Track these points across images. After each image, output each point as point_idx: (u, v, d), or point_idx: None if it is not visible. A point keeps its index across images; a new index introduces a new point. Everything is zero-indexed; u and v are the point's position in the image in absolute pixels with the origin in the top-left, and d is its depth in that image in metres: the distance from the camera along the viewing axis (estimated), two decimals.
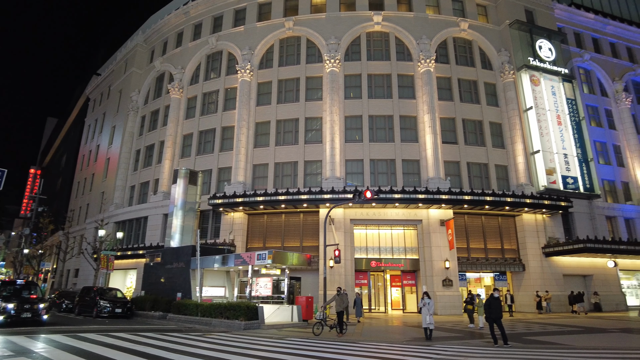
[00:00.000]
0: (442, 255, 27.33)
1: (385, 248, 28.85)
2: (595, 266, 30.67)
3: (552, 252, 29.13)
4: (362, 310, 22.28)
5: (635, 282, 33.26)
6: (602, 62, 38.86)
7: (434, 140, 29.77)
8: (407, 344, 13.23)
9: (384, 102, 31.67)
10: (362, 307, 22.69)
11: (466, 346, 12.75)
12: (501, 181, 31.25)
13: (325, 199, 26.45)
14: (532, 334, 16.02)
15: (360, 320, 21.55)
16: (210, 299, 21.58)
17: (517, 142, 31.45)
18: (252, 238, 29.82)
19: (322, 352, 11.19)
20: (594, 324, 19.71)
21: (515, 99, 32.54)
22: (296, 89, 32.76)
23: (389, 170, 30.16)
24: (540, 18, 36.48)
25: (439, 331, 16.77)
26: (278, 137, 31.74)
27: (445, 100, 32.22)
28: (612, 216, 33.38)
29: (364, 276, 28.57)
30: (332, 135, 29.84)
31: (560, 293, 29.08)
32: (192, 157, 33.83)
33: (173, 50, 39.24)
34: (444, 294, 26.62)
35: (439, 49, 33.54)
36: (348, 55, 33.13)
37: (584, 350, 11.75)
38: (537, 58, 33.78)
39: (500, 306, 12.99)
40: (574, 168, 31.56)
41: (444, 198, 26.81)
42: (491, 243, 30.03)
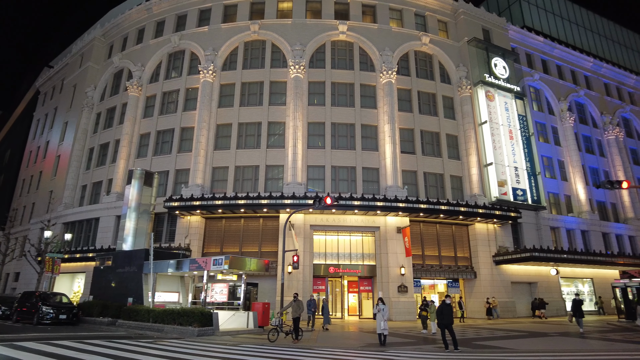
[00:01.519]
0: (398, 262, 27.97)
1: (343, 254, 29.16)
2: (539, 274, 32.45)
3: (501, 261, 30.53)
4: (329, 317, 21.43)
5: (574, 288, 35.48)
6: (549, 83, 41.44)
7: (393, 150, 30.53)
8: (362, 350, 13.43)
9: (346, 111, 32.16)
10: (330, 314, 21.83)
11: (418, 351, 13.12)
12: (456, 191, 32.47)
13: (286, 204, 26.41)
14: (481, 339, 16.70)
15: (328, 327, 20.57)
16: (163, 304, 20.92)
17: (472, 154, 32.85)
18: (209, 243, 29.23)
19: (276, 358, 11.15)
20: (537, 329, 20.83)
21: (471, 113, 34.02)
22: (260, 93, 32.62)
23: (349, 178, 30.58)
24: (496, 37, 38.44)
25: (393, 337, 17.11)
26: (240, 140, 31.40)
27: (405, 111, 33.18)
28: (555, 227, 35.48)
29: (322, 282, 28.69)
30: (294, 140, 29.91)
31: (509, 300, 30.51)
32: (148, 157, 32.78)
33: (133, 47, 37.99)
34: (399, 300, 27.22)
35: (400, 61, 34.54)
36: (313, 62, 33.42)
37: (527, 354, 12.42)
38: (492, 75, 35.52)
39: (451, 312, 13.46)
40: (523, 181, 33.33)
41: (401, 206, 27.50)
42: (445, 251, 31.07)
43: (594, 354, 12.54)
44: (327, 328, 20.26)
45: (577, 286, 35.87)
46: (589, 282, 36.08)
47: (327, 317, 20.86)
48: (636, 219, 40.10)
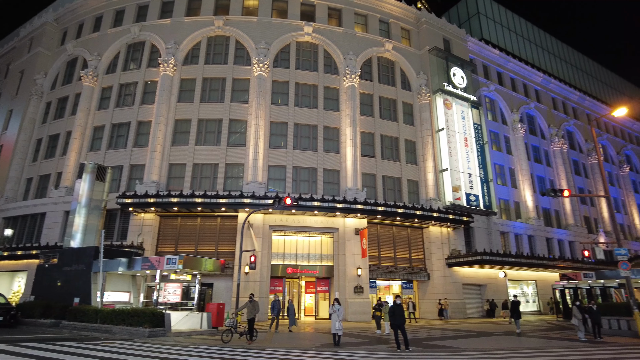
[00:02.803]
0: (355, 263, 28.39)
1: (302, 255, 29.23)
2: (489, 276, 33.99)
3: (454, 263, 31.72)
4: (295, 318, 20.85)
5: (519, 290, 37.44)
6: (503, 94, 43.55)
7: (354, 153, 30.98)
8: (316, 350, 13.53)
9: (309, 112, 32.29)
10: (295, 315, 21.15)
11: (371, 351, 13.38)
12: (412, 195, 33.40)
13: (245, 204, 26.14)
14: (432, 338, 17.27)
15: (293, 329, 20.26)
16: (112, 304, 20.11)
17: (428, 160, 33.93)
18: (164, 241, 28.41)
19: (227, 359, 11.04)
20: (484, 329, 21.81)
21: (429, 120, 35.13)
22: (222, 89, 32.10)
23: (310, 179, 30.71)
24: (456, 48, 39.92)
25: (347, 337, 17.35)
26: (199, 136, 30.75)
27: (367, 115, 33.77)
28: (505, 232, 37.30)
29: (279, 283, 28.62)
30: (256, 139, 29.67)
31: (460, 301, 31.73)
32: (102, 151, 31.41)
33: (89, 35, 36.27)
34: (355, 300, 27.63)
35: (364, 66, 35.13)
36: (277, 62, 33.30)
37: (474, 352, 13.00)
38: (451, 84, 36.85)
39: (403, 313, 13.85)
40: (476, 187, 34.79)
41: (360, 208, 27.95)
42: (400, 253, 31.87)
43: (533, 350, 13.31)
44: (291, 330, 19.98)
45: (522, 288, 37.88)
46: (533, 284, 38.20)
47: (293, 319, 20.44)
48: (575, 225, 42.90)
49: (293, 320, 20.26)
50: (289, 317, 20.36)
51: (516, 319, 19.80)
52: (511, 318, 20.32)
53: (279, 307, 20.64)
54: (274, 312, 20.24)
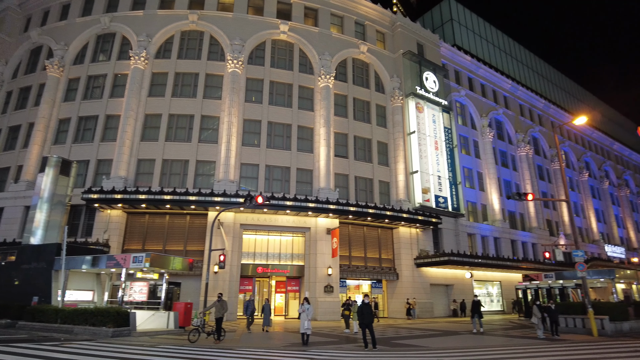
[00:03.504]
0: (326, 263, 28.53)
1: (273, 254, 29.12)
2: (456, 277, 34.87)
3: (422, 263, 32.37)
4: (270, 318, 20.31)
5: (485, 290, 38.61)
6: (474, 99, 44.77)
7: (327, 153, 31.13)
8: (284, 350, 13.54)
9: (284, 111, 32.20)
10: (271, 315, 20.59)
11: (339, 350, 13.50)
12: (383, 196, 33.87)
13: (215, 202, 25.78)
14: (399, 337, 17.57)
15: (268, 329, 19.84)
16: (75, 303, 19.42)
17: (400, 162, 34.49)
18: (130, 239, 27.67)
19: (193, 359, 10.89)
20: (450, 328, 22.38)
21: (402, 123, 35.70)
22: (194, 85, 31.54)
23: (283, 178, 30.63)
24: (429, 53, 40.73)
25: (316, 336, 17.42)
26: (169, 132, 30.10)
27: (341, 116, 34.00)
28: (472, 233, 38.37)
29: (249, 282, 28.42)
30: (228, 136, 29.33)
31: (427, 301, 32.41)
32: (67, 144, 30.25)
33: (56, 23, 34.84)
34: (325, 300, 27.76)
35: (339, 67, 35.33)
36: (252, 59, 33.02)
37: (439, 351, 13.32)
38: (423, 88, 37.57)
39: (371, 312, 14.03)
40: (445, 189, 35.62)
41: (332, 208, 28.11)
42: (371, 252, 32.26)
43: (495, 348, 13.78)
44: (267, 330, 19.61)
45: (487, 288, 39.07)
46: (497, 285, 39.47)
47: (268, 319, 20.00)
48: (539, 228, 44.64)
49: (268, 320, 19.91)
50: (264, 317, 19.96)
51: (478, 319, 20.01)
52: (472, 318, 20.27)
53: (253, 307, 20.42)
54: (248, 312, 19.97)
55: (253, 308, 20.27)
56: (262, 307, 20.66)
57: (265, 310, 19.98)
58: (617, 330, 18.82)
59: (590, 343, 15.41)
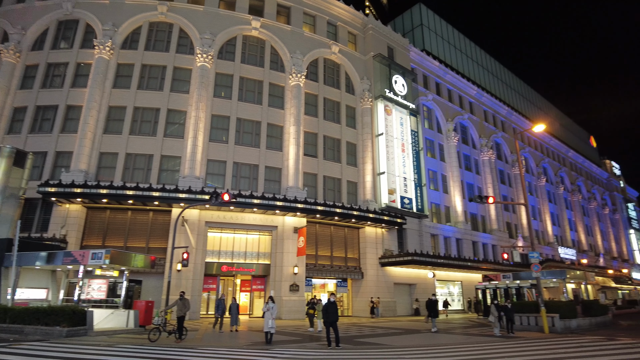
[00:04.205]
0: (292, 261, 28.53)
1: (238, 253, 28.82)
2: (419, 276, 35.69)
3: (386, 263, 32.93)
4: (238, 318, 19.82)
5: (446, 290, 39.73)
6: (440, 104, 45.95)
7: (296, 152, 31.12)
8: (247, 348, 13.46)
9: (253, 107, 31.91)
10: (239, 314, 20.05)
11: (302, 349, 13.55)
12: (351, 196, 34.23)
13: (180, 198, 25.23)
14: (363, 336, 17.82)
15: (237, 329, 19.41)
16: (26, 302, 18.51)
17: (368, 163, 34.97)
18: (90, 235, 26.65)
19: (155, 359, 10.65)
20: (412, 327, 22.88)
21: (370, 124, 36.20)
22: (161, 78, 30.72)
23: (251, 175, 30.36)
24: (399, 56, 41.46)
25: (280, 335, 17.41)
26: (134, 125, 29.19)
27: (311, 115, 34.07)
28: (435, 234, 39.38)
29: (213, 281, 28.02)
30: (195, 131, 28.77)
31: (391, 299, 33.01)
32: (23, 134, 28.73)
33: (12, 6, 32.98)
34: (290, 298, 27.76)
35: (310, 66, 35.38)
36: (222, 54, 32.51)
37: (401, 349, 13.62)
38: (392, 91, 38.21)
39: (336, 310, 14.15)
40: (410, 190, 36.40)
41: (300, 207, 28.13)
42: (337, 251, 32.53)
43: (453, 346, 14.23)
44: (236, 329, 19.19)
45: (449, 288, 40.22)
46: (459, 285, 40.70)
47: (236, 318, 19.53)
48: (499, 230, 46.39)
49: (236, 320, 19.49)
50: (232, 316, 19.52)
51: (433, 318, 20.08)
52: (428, 317, 20.29)
53: (224, 306, 19.80)
54: (219, 311, 19.34)
55: (224, 307, 19.71)
56: (229, 307, 20.09)
57: (233, 310, 19.58)
58: (566, 328, 19.88)
59: (541, 340, 16.19)
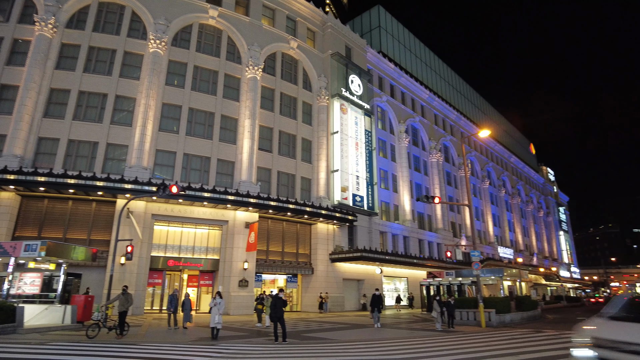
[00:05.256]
0: (242, 257, 28.23)
1: (186, 247, 28.07)
2: (367, 272, 36.57)
3: (337, 259, 33.45)
4: (191, 314, 19.03)
5: (393, 286, 41.02)
6: (394, 106, 47.19)
7: (251, 145, 30.74)
8: (192, 344, 13.19)
9: (207, 98, 31.09)
10: (191, 310, 19.19)
11: (249, 344, 13.48)
12: (304, 192, 34.39)
13: (126, 189, 24.12)
14: (310, 330, 18.02)
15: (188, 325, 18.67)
16: None
17: (322, 160, 35.27)
18: (24, 225, 24.81)
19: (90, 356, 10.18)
20: (359, 321, 23.45)
21: (326, 122, 36.50)
22: (110, 61, 29.11)
23: (202, 168, 29.62)
24: (356, 56, 42.06)
25: (227, 330, 17.21)
26: (78, 110, 27.45)
27: (267, 109, 33.78)
28: (384, 232, 40.51)
29: (158, 275, 27.11)
30: (144, 120, 27.57)
31: (339, 295, 33.58)
32: None
33: None
34: (239, 294, 27.48)
35: (268, 59, 35.03)
36: (177, 41, 31.36)
37: (346, 343, 13.92)
38: (348, 90, 38.73)
39: (283, 305, 14.20)
40: (362, 189, 37.16)
41: (253, 202, 27.86)
42: (288, 247, 32.59)
43: (397, 340, 14.77)
44: (186, 326, 18.43)
45: (395, 284, 41.56)
46: (405, 281, 42.16)
47: (188, 314, 18.71)
48: (444, 229, 48.52)
49: (188, 316, 18.70)
50: (185, 312, 18.64)
51: (377, 313, 20.07)
52: (372, 312, 20.22)
53: (177, 301, 18.93)
54: (172, 306, 18.37)
55: (177, 303, 18.72)
56: (182, 302, 19.22)
57: (186, 306, 18.76)
58: (501, 322, 21.27)
59: (478, 333, 17.21)
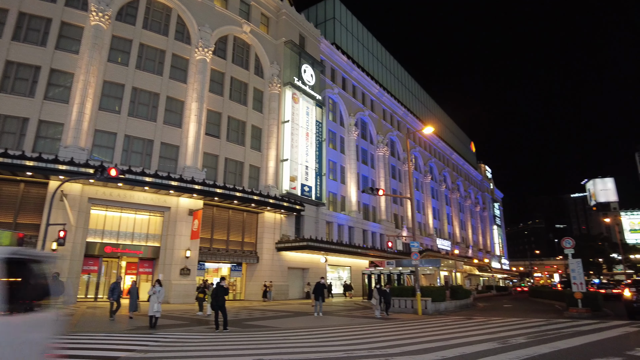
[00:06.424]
0: (185, 245, 27.54)
1: (125, 233, 26.89)
2: (312, 261, 37.10)
3: (283, 248, 33.60)
4: (137, 303, 17.93)
5: (336, 274, 41.95)
6: (345, 99, 47.77)
7: (197, 130, 29.83)
8: (128, 333, 12.80)
9: (153, 78, 29.65)
10: (138, 299, 18.15)
11: (188, 332, 13.32)
12: (253, 180, 34.05)
13: (59, 170, 22.53)
14: (252, 319, 18.07)
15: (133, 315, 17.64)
16: None
17: (272, 149, 35.04)
18: None
19: None
20: (302, 309, 23.81)
21: (277, 110, 36.23)
22: (45, 32, 26.74)
23: (145, 151, 28.35)
24: (309, 46, 41.95)
25: (166, 319, 16.84)
26: (5, 82, 25.01)
27: (216, 93, 32.87)
28: (330, 222, 41.20)
29: (95, 262, 25.81)
30: (83, 97, 25.78)
31: (283, 283, 33.81)
32: None
33: None
34: (180, 282, 26.84)
35: (219, 42, 34.00)
36: (121, 16, 29.49)
37: (287, 330, 14.13)
38: (301, 80, 38.62)
39: (225, 294, 14.13)
40: (311, 179, 37.45)
41: (197, 188, 27.17)
42: (234, 236, 32.22)
43: (337, 327, 15.23)
44: (130, 317, 17.55)
45: (339, 272, 42.52)
46: (348, 270, 43.26)
47: (135, 303, 17.52)
48: (387, 220, 50.23)
49: (134, 305, 17.66)
50: (131, 301, 17.66)
51: (319, 302, 20.18)
52: (316, 300, 20.22)
53: (120, 290, 17.78)
54: (114, 295, 17.16)
55: (120, 291, 17.62)
56: (129, 291, 18.23)
57: (132, 294, 17.83)
58: (436, 310, 22.53)
59: (414, 320, 18.16)
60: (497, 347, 9.80)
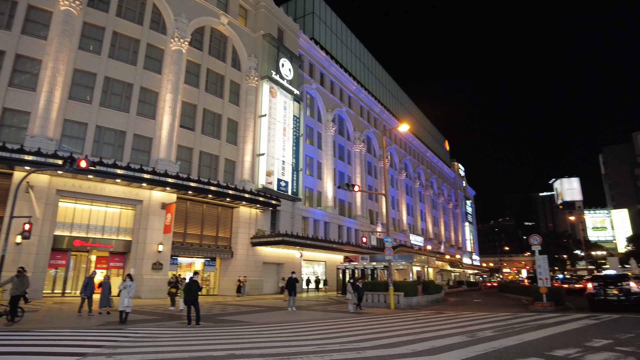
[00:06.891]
0: (157, 239, 27.05)
1: (95, 227, 26.16)
2: (287, 256, 37.11)
3: (258, 243, 33.45)
4: (109, 298, 17.40)
5: (312, 269, 42.12)
6: (323, 94, 47.78)
7: (171, 122, 29.25)
8: (97, 329, 12.51)
9: (126, 67, 28.84)
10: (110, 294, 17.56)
11: (160, 327, 13.12)
12: (228, 174, 33.69)
13: (25, 161, 21.68)
14: (226, 314, 17.96)
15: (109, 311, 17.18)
16: None
17: (248, 143, 34.74)
18: None
19: None
20: (276, 304, 23.80)
21: (254, 104, 35.91)
22: (10, 15, 25.50)
23: (117, 142, 27.60)
24: (288, 40, 41.69)
25: (137, 314, 16.55)
26: None
27: (191, 85, 32.28)
28: (306, 217, 41.26)
29: (62, 256, 25.04)
30: (52, 85, 24.81)
31: (258, 278, 33.70)
32: None
33: None
34: (152, 277, 26.38)
35: (195, 33, 33.36)
36: (93, 2, 28.43)
37: (261, 325, 14.12)
38: (278, 74, 38.37)
39: (198, 289, 13.99)
40: (288, 174, 37.36)
41: (170, 182, 26.70)
42: (208, 230, 31.85)
43: (311, 321, 15.32)
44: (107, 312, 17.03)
45: (314, 267, 42.69)
46: (323, 265, 43.49)
47: (107, 299, 17.08)
48: (362, 216, 50.70)
49: (106, 301, 17.15)
50: (102, 296, 17.17)
51: (292, 296, 20.28)
52: (290, 295, 20.26)
53: (93, 285, 17.31)
54: (87, 291, 16.63)
55: (93, 287, 16.97)
56: (101, 285, 17.69)
57: (104, 289, 17.34)
58: (408, 304, 22.96)
59: (387, 314, 18.46)
60: (466, 340, 10.10)
